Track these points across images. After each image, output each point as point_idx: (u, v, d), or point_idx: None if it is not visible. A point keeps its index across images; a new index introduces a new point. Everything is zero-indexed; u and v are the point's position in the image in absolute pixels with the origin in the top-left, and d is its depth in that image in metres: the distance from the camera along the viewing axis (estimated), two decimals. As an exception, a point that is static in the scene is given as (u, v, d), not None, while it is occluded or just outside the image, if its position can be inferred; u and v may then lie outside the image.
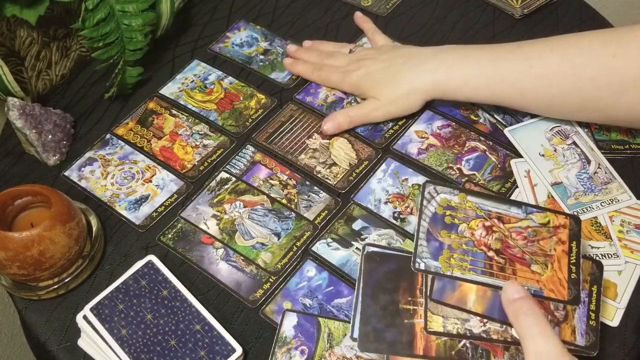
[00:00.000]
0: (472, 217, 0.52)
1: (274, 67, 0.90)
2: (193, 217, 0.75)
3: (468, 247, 0.51)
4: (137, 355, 0.62)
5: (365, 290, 0.52)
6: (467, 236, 0.51)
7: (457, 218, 0.52)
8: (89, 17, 0.77)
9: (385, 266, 0.53)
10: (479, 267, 0.50)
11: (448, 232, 0.51)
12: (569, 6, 0.95)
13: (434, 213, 0.52)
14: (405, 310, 0.51)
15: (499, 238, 0.51)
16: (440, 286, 0.50)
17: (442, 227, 0.51)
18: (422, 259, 0.49)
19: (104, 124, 0.85)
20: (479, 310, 0.50)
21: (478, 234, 0.51)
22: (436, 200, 0.52)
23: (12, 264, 0.64)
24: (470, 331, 0.50)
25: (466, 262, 0.50)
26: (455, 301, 0.50)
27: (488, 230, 0.52)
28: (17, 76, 0.81)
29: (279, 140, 0.81)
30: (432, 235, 0.51)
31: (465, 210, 0.52)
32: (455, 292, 0.50)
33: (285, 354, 0.64)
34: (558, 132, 0.78)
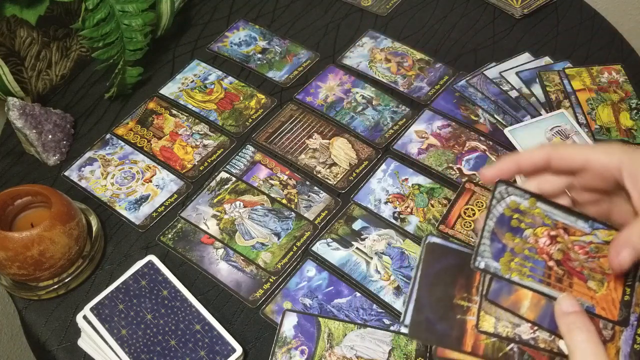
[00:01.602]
0: (538, 224, 0.51)
1: (272, 65, 0.90)
2: (193, 217, 0.75)
3: (530, 254, 0.50)
4: (137, 355, 0.62)
5: (423, 279, 0.51)
6: (530, 242, 0.51)
7: (524, 223, 0.51)
8: (89, 17, 0.77)
9: (446, 259, 0.53)
10: (538, 275, 0.50)
11: (513, 235, 0.50)
12: (569, 6, 0.95)
13: (501, 214, 0.51)
14: (459, 306, 0.51)
15: (562, 249, 0.51)
16: (497, 288, 0.50)
17: (508, 230, 0.50)
18: (484, 258, 0.49)
19: (104, 124, 0.85)
20: (530, 317, 0.50)
21: (542, 242, 0.51)
22: (506, 201, 0.51)
23: (12, 264, 0.64)
24: (520, 336, 0.50)
25: (526, 268, 0.50)
26: (510, 304, 0.50)
27: (552, 239, 0.51)
28: (17, 76, 0.81)
29: (279, 140, 0.81)
30: (497, 236, 0.50)
31: (533, 216, 0.51)
32: (511, 295, 0.50)
33: (285, 354, 0.64)
34: (558, 132, 0.78)
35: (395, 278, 0.69)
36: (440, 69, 0.88)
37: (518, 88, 0.84)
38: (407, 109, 0.84)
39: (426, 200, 0.75)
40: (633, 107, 0.81)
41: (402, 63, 0.89)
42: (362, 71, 0.88)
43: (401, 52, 0.90)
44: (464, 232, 0.72)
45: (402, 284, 0.68)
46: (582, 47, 0.90)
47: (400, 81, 0.87)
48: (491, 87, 0.84)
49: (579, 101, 0.81)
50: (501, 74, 0.85)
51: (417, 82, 0.86)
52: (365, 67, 0.89)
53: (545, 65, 0.86)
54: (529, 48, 0.89)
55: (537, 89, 0.83)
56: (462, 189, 0.75)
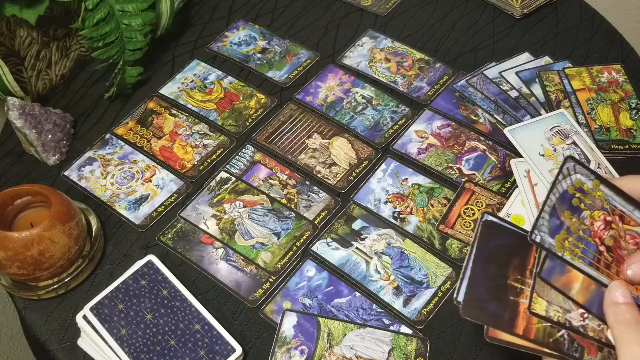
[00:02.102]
0: (597, 208, 0.51)
1: (272, 65, 0.90)
2: (193, 217, 0.75)
3: (584, 236, 0.50)
4: (137, 355, 0.62)
5: (477, 257, 0.51)
6: (587, 224, 0.51)
7: (584, 204, 0.51)
8: (89, 17, 0.77)
9: (501, 239, 0.53)
10: (589, 257, 0.49)
11: (572, 214, 0.50)
12: (569, 6, 0.95)
13: (565, 190, 0.51)
14: (513, 288, 0.51)
15: (614, 236, 0.51)
16: (551, 267, 0.50)
17: (568, 208, 0.50)
18: (541, 232, 0.49)
19: (104, 124, 0.85)
20: (580, 300, 0.49)
21: (597, 225, 0.51)
22: (572, 179, 0.51)
23: (12, 264, 0.64)
24: (570, 322, 0.50)
25: (578, 250, 0.49)
26: (561, 285, 0.49)
27: (607, 225, 0.51)
28: (17, 76, 0.81)
29: (279, 140, 0.81)
30: (556, 213, 0.50)
31: (594, 198, 0.51)
32: (563, 276, 0.50)
33: (285, 354, 0.64)
34: (558, 132, 0.78)
35: (395, 278, 0.69)
36: (440, 69, 0.88)
37: (518, 88, 0.84)
38: (407, 109, 0.84)
39: (426, 200, 0.75)
40: (633, 107, 0.81)
41: (402, 63, 0.89)
42: (362, 71, 0.88)
43: (401, 52, 0.90)
44: (464, 232, 0.72)
45: (402, 284, 0.68)
46: (582, 47, 0.90)
47: (400, 81, 0.87)
48: (491, 87, 0.84)
49: (579, 101, 0.81)
50: (501, 74, 0.85)
51: (417, 82, 0.86)
52: (365, 67, 0.89)
53: (545, 65, 0.86)
54: (529, 48, 0.89)
55: (537, 89, 0.83)
56: (462, 189, 0.75)
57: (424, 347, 0.64)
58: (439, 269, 0.69)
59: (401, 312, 0.67)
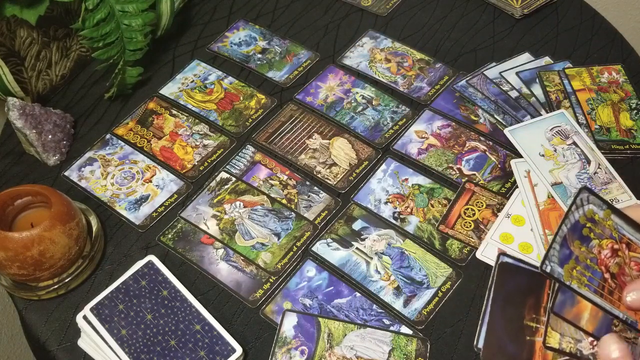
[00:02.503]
0: (606, 236, 0.53)
1: (272, 65, 0.90)
2: (193, 217, 0.75)
3: (591, 264, 0.52)
4: (137, 355, 0.62)
5: (495, 300, 0.53)
6: (594, 253, 0.52)
7: (594, 233, 0.53)
8: (89, 17, 0.77)
9: (517, 279, 0.55)
10: (594, 285, 0.51)
11: (581, 243, 0.52)
12: (569, 6, 0.95)
13: (577, 221, 0.52)
14: (529, 327, 0.53)
15: (619, 263, 0.53)
16: (562, 300, 0.51)
17: (578, 238, 0.52)
18: (551, 262, 0.50)
19: (104, 124, 0.85)
20: (589, 329, 0.51)
21: (604, 253, 0.53)
22: (584, 209, 0.53)
23: (12, 264, 0.64)
24: (581, 352, 0.52)
25: (584, 278, 0.51)
26: (572, 317, 0.51)
27: (614, 253, 0.53)
28: (17, 76, 0.81)
29: (279, 140, 0.81)
30: (567, 243, 0.51)
31: (603, 227, 0.53)
32: (574, 308, 0.51)
33: (285, 354, 0.64)
34: (558, 132, 0.78)
35: (395, 278, 0.69)
36: (440, 69, 0.88)
37: (518, 88, 0.84)
38: (407, 109, 0.84)
39: (426, 200, 0.75)
40: (633, 107, 0.81)
41: (402, 63, 0.89)
42: (362, 71, 0.88)
43: (401, 52, 0.90)
44: (464, 232, 0.72)
45: (402, 284, 0.68)
46: (582, 47, 0.90)
47: (400, 81, 0.87)
48: (491, 87, 0.84)
49: (579, 101, 0.81)
50: (501, 74, 0.85)
51: (417, 82, 0.86)
52: (365, 67, 0.89)
53: (545, 65, 0.86)
54: (529, 48, 0.89)
55: (537, 89, 0.83)
56: (462, 189, 0.75)
57: (424, 347, 0.64)
58: (439, 269, 0.69)
59: (401, 312, 0.67)
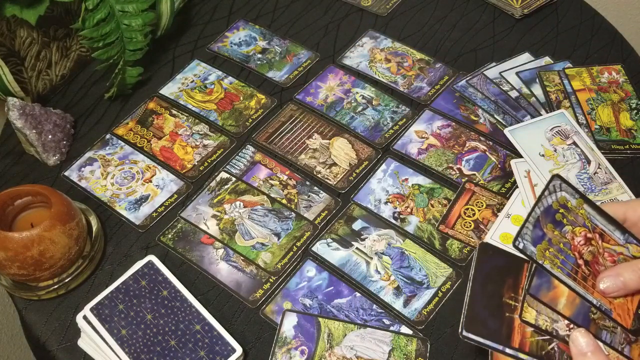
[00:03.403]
0: (579, 224, 0.55)
1: (272, 65, 0.90)
2: (193, 217, 0.75)
3: (564, 248, 0.54)
4: (137, 356, 0.62)
5: (476, 278, 0.55)
6: (567, 238, 0.54)
7: (567, 219, 0.54)
8: (89, 17, 0.77)
9: (495, 260, 0.57)
10: (567, 268, 0.53)
11: (554, 227, 0.54)
12: (569, 6, 0.95)
13: (549, 205, 0.54)
14: (507, 304, 0.55)
15: (593, 252, 0.54)
16: (538, 284, 0.53)
17: (551, 221, 0.54)
18: (524, 240, 0.52)
19: (104, 124, 0.85)
20: (567, 313, 0.53)
21: (577, 240, 0.54)
22: (557, 195, 0.55)
23: (12, 264, 0.64)
24: (557, 331, 0.53)
25: (557, 260, 0.53)
26: (549, 300, 0.53)
27: (587, 241, 0.55)
28: (17, 76, 0.81)
29: (279, 140, 0.81)
30: (540, 224, 0.53)
31: (576, 215, 0.55)
32: (550, 292, 0.53)
33: (285, 354, 0.64)
34: (558, 132, 0.78)
35: (395, 278, 0.69)
36: (440, 69, 0.88)
37: (518, 88, 0.84)
38: (407, 109, 0.84)
39: (426, 200, 0.75)
40: (633, 107, 0.81)
41: (402, 63, 0.89)
42: (362, 71, 0.88)
43: (401, 52, 0.90)
44: (464, 232, 0.72)
45: (402, 284, 0.68)
46: (582, 47, 0.90)
47: (400, 81, 0.87)
48: (491, 87, 0.84)
49: (579, 101, 0.81)
50: (501, 74, 0.85)
51: (417, 82, 0.86)
52: (365, 67, 0.89)
53: (545, 65, 0.86)
54: (529, 48, 0.89)
55: (537, 89, 0.83)
56: (462, 189, 0.75)
57: (424, 347, 0.64)
58: (439, 269, 0.69)
59: (401, 312, 0.67)
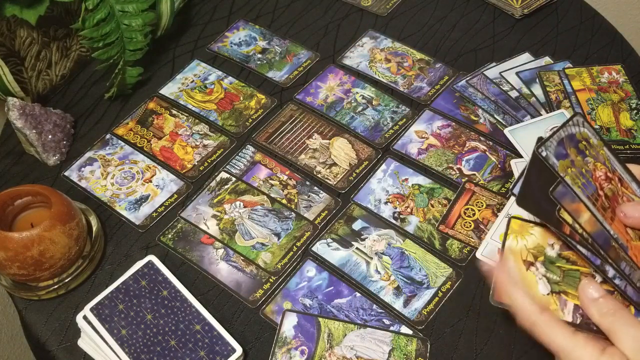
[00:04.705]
0: (600, 161, 0.52)
1: (272, 65, 0.90)
2: (193, 217, 0.75)
3: (586, 175, 0.51)
4: (137, 356, 0.62)
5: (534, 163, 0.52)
6: (589, 167, 0.52)
7: (589, 151, 0.52)
8: (89, 17, 0.77)
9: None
10: (588, 191, 0.51)
11: (577, 153, 0.51)
12: (569, 6, 0.95)
13: (573, 133, 0.52)
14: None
15: (613, 190, 0.52)
16: (563, 191, 0.50)
17: (574, 147, 0.51)
18: (547, 149, 0.50)
19: (104, 124, 0.85)
20: (588, 229, 0.50)
21: (598, 174, 0.52)
22: (580, 129, 0.53)
23: (12, 264, 0.64)
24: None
25: (579, 180, 0.51)
26: (572, 210, 0.51)
27: (607, 178, 0.53)
28: (17, 76, 0.81)
29: (279, 141, 0.81)
30: (563, 144, 0.51)
31: (597, 152, 0.53)
32: (574, 203, 0.51)
33: (285, 354, 0.64)
34: (558, 132, 0.78)
35: (395, 278, 0.69)
36: (440, 69, 0.88)
37: (518, 88, 0.84)
38: (407, 109, 0.84)
39: (426, 200, 0.75)
40: (633, 107, 0.81)
41: (402, 63, 0.89)
42: (362, 71, 0.88)
43: (401, 52, 0.90)
44: (464, 232, 0.72)
45: (402, 284, 0.68)
46: (582, 47, 0.90)
47: (400, 81, 0.87)
48: (491, 87, 0.84)
49: (579, 101, 0.81)
50: (501, 74, 0.85)
51: (417, 82, 0.86)
52: (365, 67, 0.89)
53: (545, 65, 0.86)
54: (529, 48, 0.89)
55: (537, 89, 0.83)
56: (462, 189, 0.75)
57: (424, 347, 0.64)
58: (439, 269, 0.69)
59: (401, 312, 0.67)
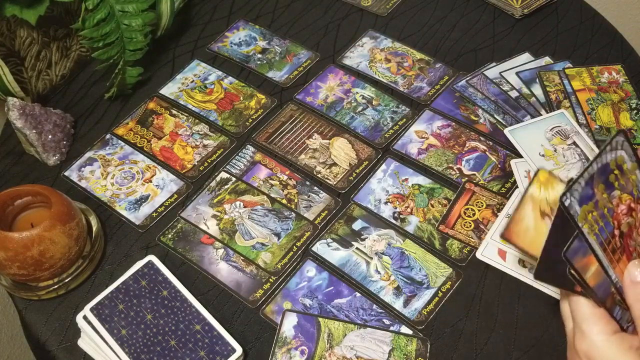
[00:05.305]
0: (627, 191, 0.51)
1: (272, 65, 0.90)
2: (193, 217, 0.75)
3: (607, 214, 0.50)
4: (137, 356, 0.62)
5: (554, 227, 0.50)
6: (613, 204, 0.50)
7: (618, 183, 0.50)
8: (89, 17, 0.77)
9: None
10: (602, 237, 0.49)
11: (604, 189, 0.49)
12: (569, 6, 0.95)
13: (607, 163, 0.50)
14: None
15: (630, 223, 0.51)
16: (577, 247, 0.49)
17: (603, 182, 0.49)
18: (572, 196, 0.48)
19: (104, 124, 0.85)
20: (591, 282, 0.49)
21: (621, 208, 0.51)
22: (616, 153, 0.50)
23: (12, 264, 0.64)
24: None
25: (597, 226, 0.49)
26: (581, 266, 0.49)
27: (629, 211, 0.51)
28: (17, 76, 0.81)
29: (279, 141, 0.81)
30: (592, 183, 0.49)
31: (627, 179, 0.51)
32: (585, 258, 0.49)
33: (285, 354, 0.64)
34: (558, 132, 0.78)
35: (395, 278, 0.69)
36: (440, 69, 0.88)
37: (518, 88, 0.84)
38: (407, 109, 0.84)
39: (426, 200, 0.75)
40: (633, 107, 0.81)
41: (402, 63, 0.89)
42: (362, 71, 0.88)
43: (401, 52, 0.90)
44: (464, 232, 0.72)
45: (402, 284, 0.68)
46: (582, 47, 0.90)
47: (400, 81, 0.87)
48: (491, 87, 0.84)
49: (579, 101, 0.81)
50: (501, 74, 0.85)
51: (417, 82, 0.86)
52: (365, 67, 0.89)
53: (545, 65, 0.86)
54: (529, 48, 0.89)
55: (537, 89, 0.83)
56: (462, 189, 0.75)
57: (424, 347, 0.64)
58: (439, 269, 0.69)
59: (401, 312, 0.67)
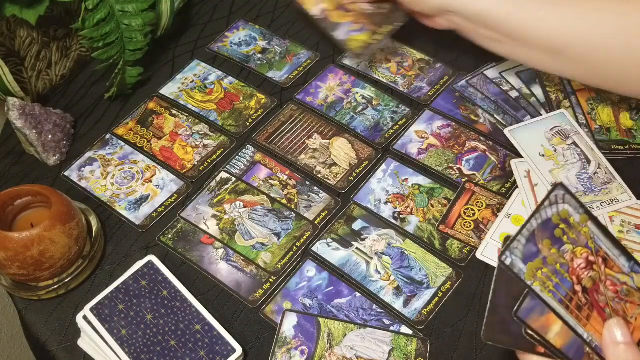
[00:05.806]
0: (581, 244, 0.48)
1: (272, 65, 0.90)
2: (193, 217, 0.75)
3: (561, 270, 0.47)
4: (137, 356, 0.62)
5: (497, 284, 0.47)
6: (566, 259, 0.47)
7: (568, 237, 0.47)
8: (89, 17, 0.77)
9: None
10: (560, 294, 0.46)
11: (551, 244, 0.47)
12: (569, 6, 0.95)
13: (549, 219, 0.47)
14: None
15: (594, 278, 0.48)
16: (530, 306, 0.46)
17: (549, 237, 0.46)
18: (513, 254, 0.45)
19: (104, 124, 0.85)
20: (558, 344, 0.47)
21: (577, 263, 0.48)
22: (558, 207, 0.47)
23: (12, 264, 0.64)
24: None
25: (550, 283, 0.46)
26: (539, 326, 0.47)
27: (588, 265, 0.48)
28: (17, 76, 0.81)
29: (279, 141, 0.81)
30: (535, 239, 0.46)
31: (579, 233, 0.48)
32: (542, 317, 0.47)
33: (285, 354, 0.64)
34: (558, 132, 0.78)
35: (395, 278, 0.69)
36: (440, 69, 0.88)
37: (518, 88, 0.84)
38: (407, 109, 0.84)
39: (426, 200, 0.75)
40: (633, 107, 0.81)
41: (402, 63, 0.89)
42: (362, 71, 0.88)
43: (401, 52, 0.90)
44: (464, 232, 0.72)
45: (402, 284, 0.68)
46: (582, 47, 0.90)
47: (400, 81, 0.87)
48: (491, 87, 0.84)
49: (579, 101, 0.81)
50: (501, 74, 0.85)
51: (417, 82, 0.86)
52: (365, 67, 0.89)
53: (545, 65, 0.86)
54: (529, 48, 0.89)
55: (537, 89, 0.83)
56: (462, 189, 0.75)
57: (424, 347, 0.64)
58: (439, 269, 0.69)
59: (401, 312, 0.67)
